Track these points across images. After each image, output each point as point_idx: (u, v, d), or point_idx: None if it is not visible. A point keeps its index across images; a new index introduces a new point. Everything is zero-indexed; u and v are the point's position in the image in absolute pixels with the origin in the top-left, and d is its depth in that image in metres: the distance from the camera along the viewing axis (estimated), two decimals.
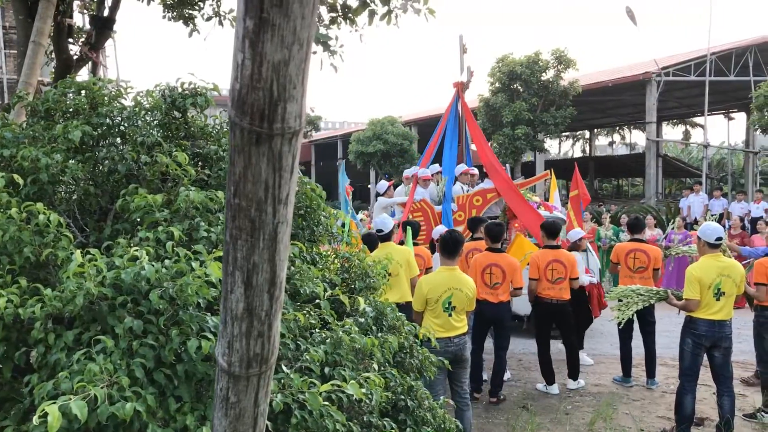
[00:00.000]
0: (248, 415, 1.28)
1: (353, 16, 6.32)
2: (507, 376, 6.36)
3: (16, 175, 2.60)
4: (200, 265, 2.15)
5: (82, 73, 7.36)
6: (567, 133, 37.55)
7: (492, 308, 5.79)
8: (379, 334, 3.03)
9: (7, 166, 2.89)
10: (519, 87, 20.70)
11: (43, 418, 1.66)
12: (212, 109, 3.49)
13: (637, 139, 44.02)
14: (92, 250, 2.23)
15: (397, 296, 5.42)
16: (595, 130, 39.83)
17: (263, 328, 1.18)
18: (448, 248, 4.65)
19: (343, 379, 2.37)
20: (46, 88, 3.72)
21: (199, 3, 7.33)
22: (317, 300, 2.80)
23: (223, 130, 3.56)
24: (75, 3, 7.22)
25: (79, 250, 2.22)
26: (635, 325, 6.28)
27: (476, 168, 8.97)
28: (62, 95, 3.31)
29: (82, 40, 7.18)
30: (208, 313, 2.23)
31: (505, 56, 20.80)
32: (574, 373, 6.29)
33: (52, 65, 7.34)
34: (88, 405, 1.75)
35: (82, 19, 8.71)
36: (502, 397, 5.90)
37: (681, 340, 4.98)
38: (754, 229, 11.50)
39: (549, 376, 6.18)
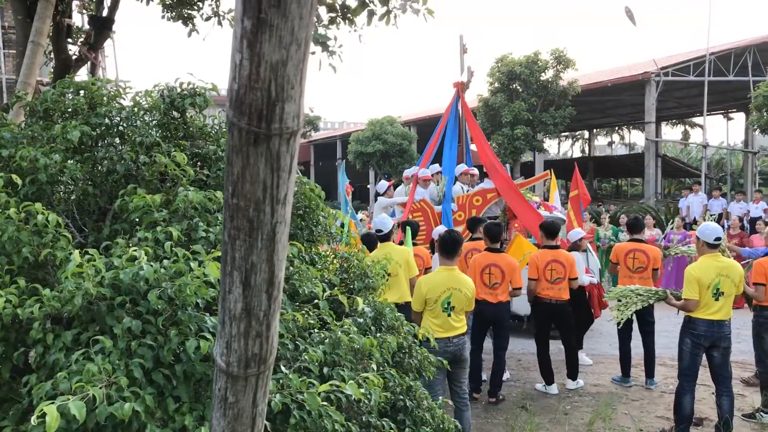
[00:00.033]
0: (246, 415, 1.28)
1: (352, 17, 6.32)
2: (506, 376, 6.37)
3: (15, 175, 2.60)
4: (199, 266, 2.15)
5: (81, 73, 7.36)
6: (566, 133, 37.57)
7: (491, 308, 5.79)
8: (378, 335, 3.03)
9: (5, 166, 2.88)
10: (518, 87, 20.71)
11: (42, 419, 1.66)
12: (211, 109, 3.48)
13: (636, 139, 44.06)
14: (91, 251, 2.23)
15: (396, 296, 5.43)
16: (594, 130, 39.85)
17: (261, 329, 1.18)
18: (447, 248, 4.65)
19: (342, 380, 2.37)
20: (45, 88, 3.72)
21: (198, 3, 7.33)
22: (316, 300, 2.80)
23: (222, 130, 3.55)
24: (74, 3, 7.23)
25: (78, 251, 2.22)
26: (634, 325, 6.29)
27: (476, 168, 8.98)
28: (61, 95, 3.31)
29: (81, 40, 7.18)
30: (207, 314, 2.23)
31: (504, 56, 20.81)
32: (573, 373, 6.30)
33: (51, 65, 7.34)
34: (86, 405, 1.76)
35: (81, 19, 8.71)
36: (501, 397, 5.90)
37: (680, 340, 4.99)
38: (753, 229, 11.53)
39: (548, 376, 6.19)
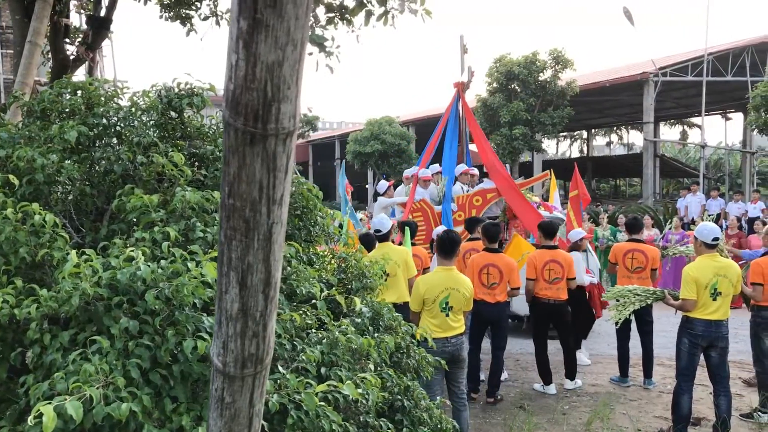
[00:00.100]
0: (243, 416, 1.28)
1: (350, 17, 6.32)
2: (504, 376, 6.37)
3: (12, 176, 2.60)
4: (196, 266, 2.15)
5: (79, 73, 7.37)
6: (564, 134, 37.63)
7: (489, 308, 5.79)
8: (376, 335, 3.03)
9: (2, 166, 2.88)
10: (516, 87, 20.72)
11: (39, 419, 1.66)
12: (209, 110, 3.48)
13: (635, 139, 44.04)
14: (88, 251, 2.23)
15: (394, 296, 5.43)
16: (593, 131, 39.88)
17: (258, 329, 1.18)
18: (445, 248, 4.66)
19: (340, 380, 2.37)
20: (43, 88, 3.72)
21: (196, 3, 7.33)
22: (314, 300, 2.80)
23: (220, 131, 3.55)
24: (72, 3, 7.22)
25: (75, 251, 2.22)
26: (633, 325, 6.29)
27: (476, 168, 8.99)
28: (58, 95, 3.30)
29: (79, 40, 7.17)
30: (204, 314, 2.23)
31: (503, 56, 20.81)
32: (571, 373, 6.30)
33: (48, 65, 7.32)
34: (83, 405, 1.75)
35: (78, 19, 8.71)
36: (499, 397, 5.90)
37: (678, 340, 4.99)
38: (751, 229, 11.55)
39: (546, 376, 6.19)
